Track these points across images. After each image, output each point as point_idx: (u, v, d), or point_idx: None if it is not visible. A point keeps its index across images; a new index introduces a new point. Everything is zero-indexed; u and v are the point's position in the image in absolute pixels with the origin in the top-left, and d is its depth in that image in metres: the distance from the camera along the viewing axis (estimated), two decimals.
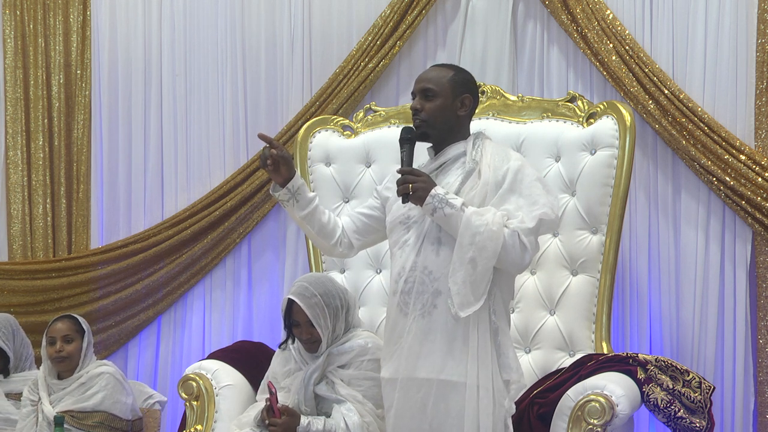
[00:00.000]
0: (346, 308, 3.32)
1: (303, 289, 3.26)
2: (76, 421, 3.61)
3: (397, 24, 4.21)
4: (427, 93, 2.93)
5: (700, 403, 3.23)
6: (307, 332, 3.26)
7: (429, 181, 2.81)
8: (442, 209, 2.77)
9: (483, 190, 2.84)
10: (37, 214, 4.72)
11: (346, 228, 3.18)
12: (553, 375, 3.39)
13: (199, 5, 4.56)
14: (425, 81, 2.95)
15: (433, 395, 2.81)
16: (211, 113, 4.55)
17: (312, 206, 3.08)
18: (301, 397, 3.27)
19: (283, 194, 3.05)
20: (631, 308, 4.03)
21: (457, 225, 2.76)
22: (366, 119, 4.04)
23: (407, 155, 2.88)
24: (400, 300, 2.87)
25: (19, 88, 4.76)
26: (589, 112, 3.70)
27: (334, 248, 3.18)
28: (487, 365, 2.79)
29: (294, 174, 3.04)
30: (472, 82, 3.02)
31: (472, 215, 2.76)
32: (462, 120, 2.98)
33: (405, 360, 2.84)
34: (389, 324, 2.93)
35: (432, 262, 2.83)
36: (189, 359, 4.44)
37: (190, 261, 4.52)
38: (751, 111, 3.86)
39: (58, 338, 3.70)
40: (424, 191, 2.79)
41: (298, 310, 3.25)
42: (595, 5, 3.97)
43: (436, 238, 2.84)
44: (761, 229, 3.80)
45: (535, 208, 2.81)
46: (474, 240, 2.73)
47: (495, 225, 2.74)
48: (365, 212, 3.18)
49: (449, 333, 2.81)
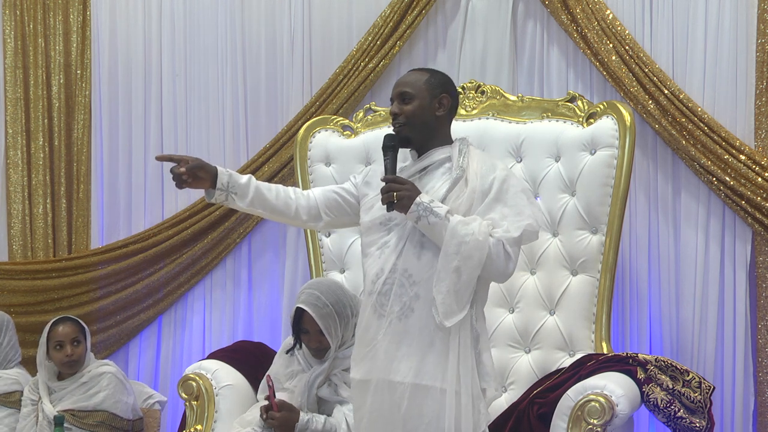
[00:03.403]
0: (355, 315, 3.29)
1: (315, 299, 3.23)
2: (78, 420, 3.61)
3: (397, 24, 4.21)
4: (404, 96, 2.93)
5: (700, 403, 3.23)
6: (316, 340, 3.25)
7: (414, 189, 2.80)
8: (426, 218, 2.76)
9: (470, 197, 2.83)
10: (37, 214, 4.72)
11: (317, 199, 3.08)
12: (553, 375, 3.39)
13: (199, 5, 4.56)
14: (402, 85, 2.95)
15: (407, 398, 2.78)
16: (211, 113, 4.55)
17: (252, 188, 2.99)
18: (304, 400, 3.27)
19: (218, 195, 2.96)
20: (631, 308, 4.03)
21: (441, 233, 2.75)
22: (366, 119, 4.04)
23: (391, 162, 2.87)
24: (376, 301, 2.83)
25: (19, 88, 4.76)
26: (589, 112, 3.70)
27: (296, 219, 3.07)
28: (468, 371, 2.77)
29: (215, 170, 2.95)
30: (449, 82, 3.01)
31: (457, 224, 2.74)
32: (441, 120, 2.96)
33: (380, 362, 2.81)
34: (362, 324, 2.89)
35: (413, 265, 2.81)
36: (189, 359, 4.44)
37: (190, 261, 4.52)
38: (751, 111, 3.86)
39: (67, 342, 3.69)
40: (408, 199, 2.77)
41: (309, 320, 3.24)
42: (595, 5, 3.97)
43: (419, 241, 2.82)
44: (761, 229, 3.80)
45: (520, 218, 2.81)
46: (459, 249, 2.72)
47: (481, 235, 2.73)
48: (338, 191, 3.10)
49: (427, 337, 2.78)
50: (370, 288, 2.86)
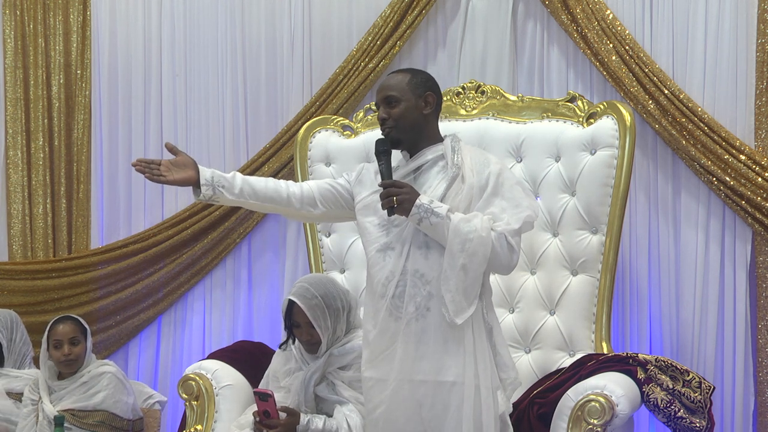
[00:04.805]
0: (347, 309, 3.31)
1: (304, 290, 3.25)
2: (78, 420, 3.61)
3: (397, 24, 4.21)
4: (390, 100, 2.95)
5: (700, 403, 3.23)
6: (307, 333, 3.26)
7: (413, 192, 2.82)
8: (428, 219, 2.78)
9: (468, 194, 2.87)
10: (37, 214, 4.72)
11: (312, 189, 3.08)
12: (553, 375, 3.39)
13: (199, 5, 4.56)
14: (386, 89, 2.97)
15: (430, 396, 2.82)
16: (211, 113, 4.55)
17: (239, 179, 3.01)
18: (301, 398, 3.27)
19: (205, 191, 2.98)
20: (631, 308, 4.03)
21: (444, 233, 2.78)
22: (366, 119, 4.04)
23: (386, 167, 2.89)
24: (390, 304, 2.86)
25: (19, 88, 4.76)
26: (589, 112, 3.70)
27: (289, 206, 3.07)
28: (486, 364, 2.82)
29: (195, 164, 2.98)
30: (431, 80, 3.03)
31: (459, 222, 2.77)
32: (429, 118, 2.98)
33: (398, 363, 2.84)
34: (376, 328, 2.90)
35: (422, 265, 2.84)
36: (189, 359, 4.44)
37: (190, 261, 4.52)
38: (751, 111, 3.85)
39: (65, 341, 3.69)
40: (408, 203, 2.79)
41: (298, 311, 3.25)
42: (595, 5, 3.97)
43: (424, 242, 2.85)
44: (761, 229, 3.80)
45: (519, 210, 2.85)
46: (464, 247, 2.76)
47: (483, 230, 2.77)
48: (333, 184, 3.11)
49: (443, 335, 2.82)
50: (382, 291, 2.88)
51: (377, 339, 2.90)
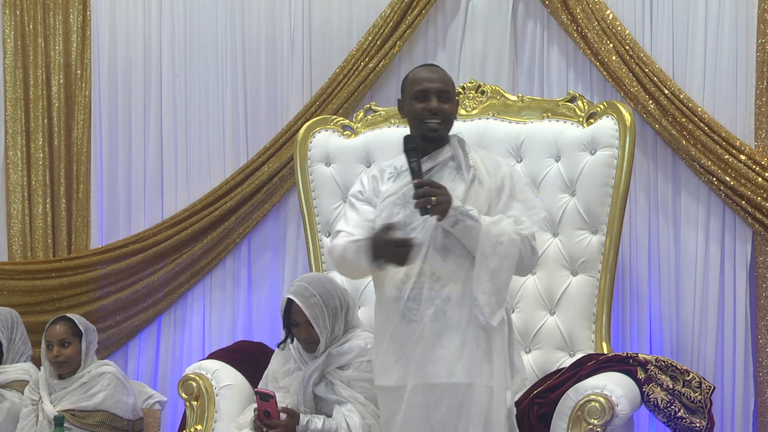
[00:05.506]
0: (345, 309, 3.31)
1: (302, 289, 3.25)
2: (78, 420, 3.61)
3: (397, 24, 4.21)
4: (447, 95, 2.90)
5: (700, 403, 3.23)
6: (305, 332, 3.26)
7: (449, 194, 2.76)
8: (463, 221, 2.75)
9: (488, 197, 2.86)
10: (37, 214, 4.72)
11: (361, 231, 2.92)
12: (553, 375, 3.39)
13: (199, 5, 4.55)
14: (443, 82, 2.91)
15: (446, 398, 2.80)
16: (211, 113, 4.54)
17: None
18: (300, 398, 3.27)
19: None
20: (631, 308, 4.03)
21: (476, 236, 2.76)
22: (366, 119, 4.04)
23: (418, 165, 2.81)
24: (405, 307, 2.82)
25: (19, 88, 4.76)
26: (589, 112, 3.71)
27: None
28: (502, 366, 2.82)
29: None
30: None
31: (489, 225, 2.77)
32: None
33: (414, 366, 2.81)
34: (389, 331, 2.86)
35: (440, 268, 2.81)
36: (189, 359, 4.43)
37: (190, 261, 4.51)
38: (751, 111, 3.86)
39: (54, 343, 3.69)
40: (447, 204, 2.74)
41: (297, 310, 3.25)
42: (595, 5, 3.97)
43: (442, 244, 2.81)
44: (761, 229, 3.80)
45: (534, 212, 2.87)
46: (496, 250, 2.76)
47: (513, 233, 2.78)
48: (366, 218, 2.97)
49: (459, 337, 2.80)
50: (396, 294, 2.84)
51: (390, 345, 2.86)
